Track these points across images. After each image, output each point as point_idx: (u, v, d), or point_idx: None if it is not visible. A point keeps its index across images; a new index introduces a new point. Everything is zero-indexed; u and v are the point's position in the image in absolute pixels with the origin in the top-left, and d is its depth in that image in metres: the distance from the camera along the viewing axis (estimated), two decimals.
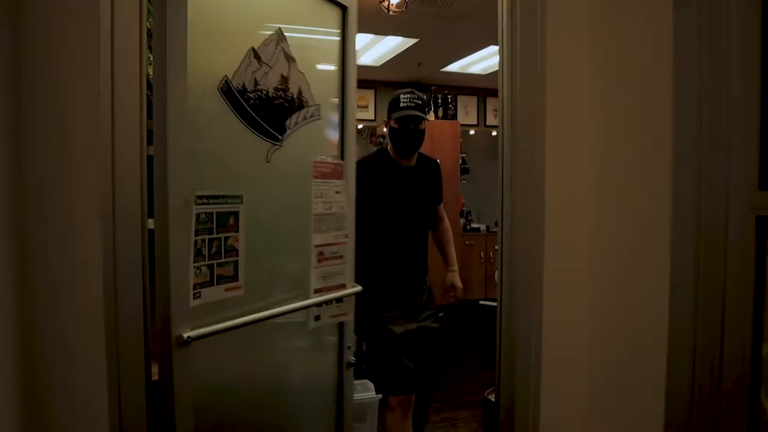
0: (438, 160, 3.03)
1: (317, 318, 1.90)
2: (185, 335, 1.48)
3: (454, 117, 7.03)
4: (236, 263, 1.58)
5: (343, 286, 1.99)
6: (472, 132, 7.75)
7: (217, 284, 1.54)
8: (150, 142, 1.45)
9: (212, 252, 1.51)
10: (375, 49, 6.19)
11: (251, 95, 1.66)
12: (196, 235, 1.48)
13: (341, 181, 1.97)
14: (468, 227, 7.28)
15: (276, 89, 1.75)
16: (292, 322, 1.89)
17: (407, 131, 2.63)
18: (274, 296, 1.81)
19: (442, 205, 3.03)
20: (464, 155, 7.18)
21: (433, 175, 2.89)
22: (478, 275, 7.18)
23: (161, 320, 1.48)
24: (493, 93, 7.90)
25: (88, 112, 1.30)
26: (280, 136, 1.77)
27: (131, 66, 1.39)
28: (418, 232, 2.79)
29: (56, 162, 1.30)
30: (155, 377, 1.48)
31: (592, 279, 1.66)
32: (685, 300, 1.38)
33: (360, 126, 7.46)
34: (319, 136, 1.94)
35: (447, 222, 3.09)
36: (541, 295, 1.65)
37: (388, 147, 2.74)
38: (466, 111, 7.70)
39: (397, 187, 2.69)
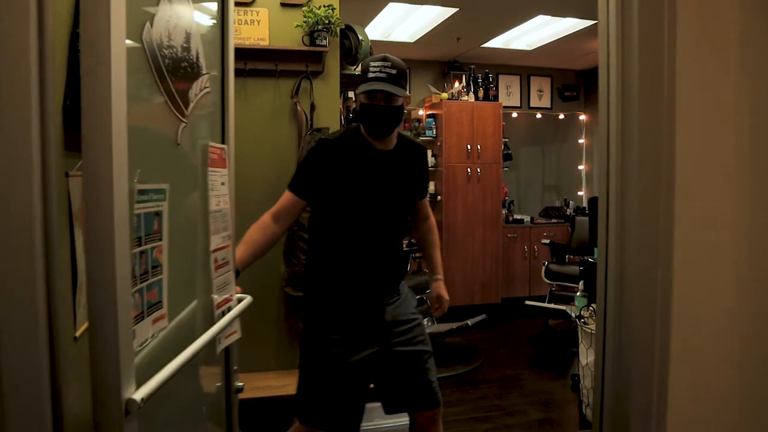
0: (424, 146, 2.46)
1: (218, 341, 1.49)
2: (137, 397, 0.99)
3: (496, 98, 6.42)
4: (160, 283, 1.13)
5: (230, 299, 1.58)
6: (514, 115, 7.15)
7: (147, 315, 1.09)
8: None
9: (142, 272, 1.05)
10: (409, 23, 5.61)
11: (166, 51, 1.19)
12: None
13: (225, 169, 1.56)
14: (510, 219, 6.70)
15: (183, 48, 1.28)
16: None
17: (376, 109, 2.08)
18: (191, 319, 1.37)
19: (426, 200, 2.47)
20: (506, 140, 6.57)
21: (417, 163, 2.33)
22: (521, 271, 6.61)
23: (102, 385, 0.98)
24: (539, 72, 7.48)
25: None
26: (186, 110, 1.30)
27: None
28: (390, 232, 2.23)
29: None
30: None
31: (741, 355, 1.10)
32: None
33: None
34: (213, 113, 1.55)
35: (432, 221, 2.51)
36: (666, 369, 1.09)
37: (360, 125, 2.20)
38: (508, 92, 7.09)
39: (366, 173, 2.14)
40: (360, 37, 3.32)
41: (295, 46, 3.05)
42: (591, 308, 3.58)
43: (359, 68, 3.45)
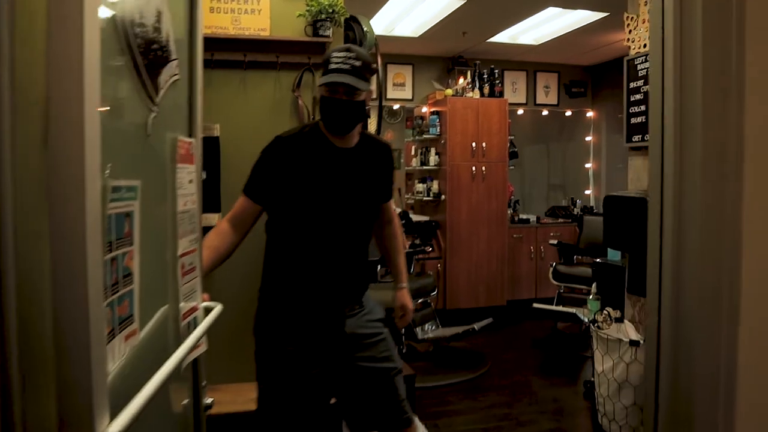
0: (390, 144, 2.27)
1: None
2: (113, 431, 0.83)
3: (501, 94, 6.25)
4: (132, 294, 0.98)
5: (196, 308, 1.40)
6: (520, 111, 6.99)
7: (119, 332, 0.93)
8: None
9: (112, 282, 0.89)
10: (414, 16, 5.45)
11: (138, 30, 1.03)
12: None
13: (193, 165, 1.39)
14: (516, 219, 6.53)
15: (155, 28, 1.12)
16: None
17: (336, 103, 1.93)
18: (161, 331, 1.20)
19: (391, 202, 2.29)
20: (512, 137, 6.41)
21: (382, 163, 2.16)
22: (527, 272, 6.45)
23: (72, 419, 0.82)
24: (545, 67, 7.32)
25: None
26: (156, 98, 1.14)
27: None
28: (352, 239, 2.06)
29: None
30: None
31: None
32: None
33: (396, 107, 6.76)
34: (181, 103, 1.39)
35: (397, 225, 2.33)
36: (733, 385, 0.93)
37: (320, 121, 2.05)
38: (514, 88, 6.93)
39: (325, 173, 2.00)
40: (365, 28, 3.15)
41: (297, 36, 2.88)
42: (605, 312, 3.42)
43: None
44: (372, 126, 3.64)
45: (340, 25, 2.95)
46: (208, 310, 1.42)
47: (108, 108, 0.89)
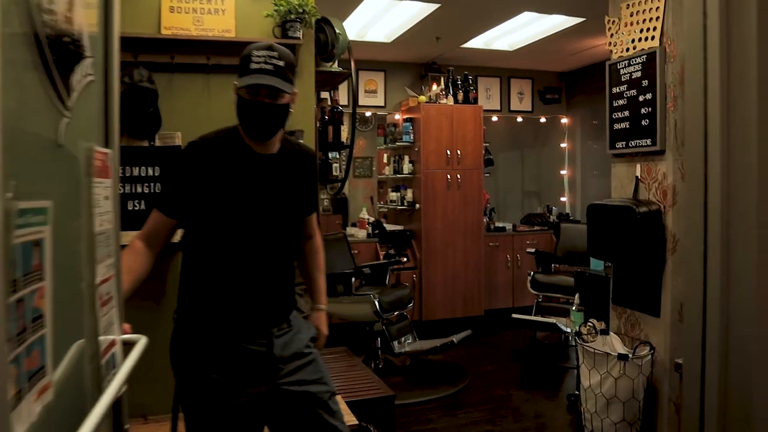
0: (314, 152, 2.13)
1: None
2: None
3: (476, 101, 6.14)
4: (43, 341, 0.79)
5: (115, 343, 1.21)
6: (494, 118, 6.89)
7: (29, 390, 0.74)
8: None
9: (19, 329, 0.70)
10: (386, 21, 5.30)
11: (46, 18, 0.85)
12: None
13: (110, 180, 1.20)
14: (492, 227, 6.42)
15: (66, 18, 0.94)
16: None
17: (259, 107, 1.77)
18: (76, 375, 1.00)
19: (314, 216, 2.13)
20: (487, 144, 6.30)
21: (305, 171, 2.00)
22: (504, 282, 6.34)
23: None
24: (519, 74, 7.23)
25: None
26: (68, 101, 0.96)
27: None
28: (276, 253, 1.91)
29: None
30: None
31: None
32: None
33: (367, 114, 6.61)
34: (95, 108, 1.20)
35: (318, 240, 2.18)
36: None
37: (238, 125, 1.87)
38: (488, 94, 6.83)
39: (244, 182, 1.83)
40: (337, 31, 2.99)
41: (265, 38, 2.70)
42: (590, 324, 3.30)
43: (335, 65, 3.12)
44: (345, 134, 3.48)
45: (310, 27, 2.79)
46: (129, 343, 1.23)
47: (9, 111, 0.70)
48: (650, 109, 3.06)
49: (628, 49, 3.22)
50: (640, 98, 3.12)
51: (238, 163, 1.81)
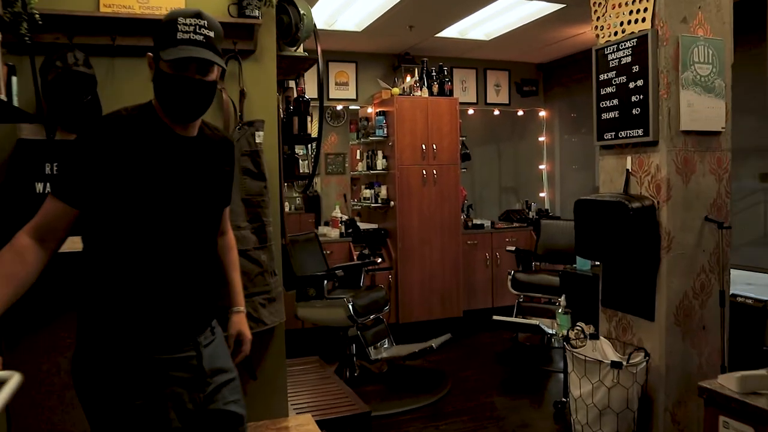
0: (233, 139, 1.91)
1: None
2: None
3: (451, 93, 5.89)
4: None
5: None
6: (470, 111, 6.66)
7: None
8: None
9: None
10: (356, 8, 5.01)
11: None
12: None
13: None
14: (469, 224, 6.19)
15: None
16: None
17: (186, 83, 1.52)
18: None
19: (228, 210, 1.89)
20: (464, 138, 6.06)
21: (225, 160, 1.77)
22: (483, 281, 6.13)
23: None
24: (496, 65, 6.98)
25: None
26: None
27: None
28: (197, 246, 1.65)
29: None
30: None
31: None
32: None
33: (338, 107, 6.33)
34: None
35: (231, 237, 1.96)
36: None
37: (153, 101, 1.60)
38: (464, 86, 6.59)
39: (165, 166, 1.57)
40: (302, 12, 2.70)
41: (219, 17, 2.38)
42: (578, 328, 3.07)
43: (300, 50, 2.83)
44: (314, 130, 3.19)
45: (271, 6, 2.50)
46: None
47: None
48: (641, 96, 2.84)
49: (616, 33, 2.99)
50: (630, 85, 2.90)
51: (157, 145, 1.54)
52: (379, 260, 5.33)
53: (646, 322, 2.92)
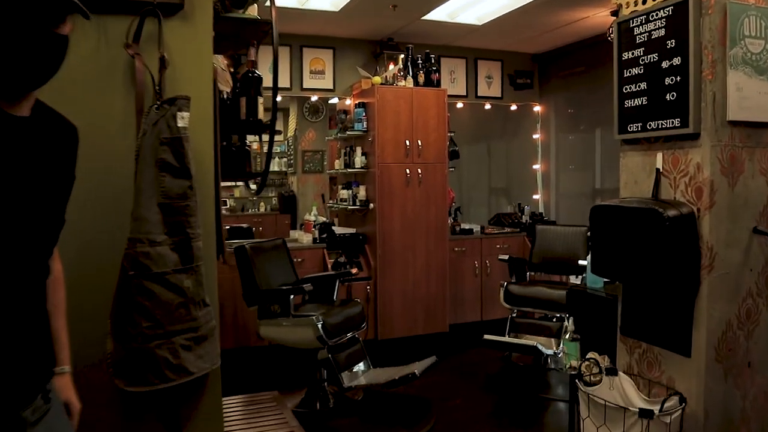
0: (75, 126, 1.36)
1: None
2: None
3: (439, 83, 5.32)
4: None
5: None
6: (459, 105, 6.12)
7: None
8: None
9: None
10: None
11: None
12: None
13: None
14: (457, 229, 5.63)
15: None
16: None
17: (18, 34, 1.10)
18: None
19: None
20: (452, 134, 5.51)
21: (65, 148, 1.30)
22: (472, 292, 5.57)
23: None
24: (488, 55, 6.35)
25: None
26: None
27: None
28: (18, 276, 1.16)
29: None
30: None
31: None
32: None
33: (314, 98, 5.74)
34: None
35: (59, 266, 1.45)
36: None
37: None
38: (452, 78, 6.03)
39: None
40: None
41: None
42: (591, 359, 2.51)
43: (250, 12, 2.22)
44: (291, 126, 2.58)
45: None
46: None
47: None
48: (678, 78, 2.27)
49: (645, 1, 2.43)
50: (664, 64, 2.33)
51: None
52: (355, 270, 4.73)
53: (679, 358, 2.36)
